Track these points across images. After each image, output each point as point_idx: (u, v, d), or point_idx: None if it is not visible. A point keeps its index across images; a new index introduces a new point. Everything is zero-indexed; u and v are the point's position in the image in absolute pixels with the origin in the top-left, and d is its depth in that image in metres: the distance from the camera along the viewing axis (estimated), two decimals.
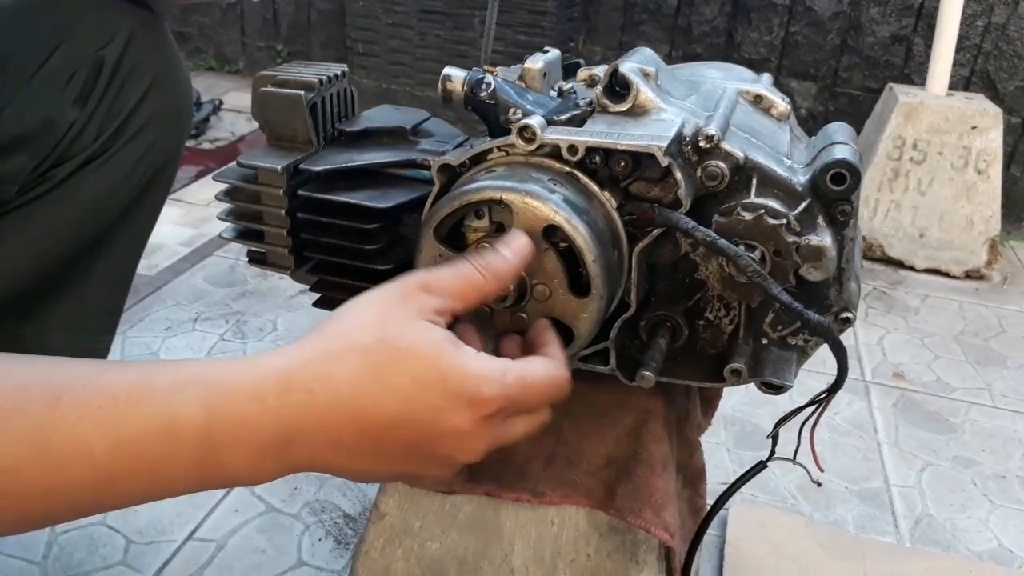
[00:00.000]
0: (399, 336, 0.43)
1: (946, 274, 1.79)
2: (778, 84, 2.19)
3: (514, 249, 0.51)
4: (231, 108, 2.38)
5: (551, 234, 0.55)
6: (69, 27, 0.70)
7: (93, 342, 0.85)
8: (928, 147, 1.77)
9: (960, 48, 1.92)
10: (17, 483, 0.37)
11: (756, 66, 2.22)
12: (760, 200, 0.56)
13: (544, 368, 0.48)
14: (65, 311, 0.82)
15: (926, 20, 2.02)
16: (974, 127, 1.75)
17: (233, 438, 0.40)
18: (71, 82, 0.70)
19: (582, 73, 0.74)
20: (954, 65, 1.84)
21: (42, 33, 0.69)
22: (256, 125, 0.73)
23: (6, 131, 0.67)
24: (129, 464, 0.39)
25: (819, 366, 0.63)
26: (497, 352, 0.54)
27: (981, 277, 1.78)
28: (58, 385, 0.39)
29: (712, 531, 0.98)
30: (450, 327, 0.47)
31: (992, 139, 1.74)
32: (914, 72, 2.07)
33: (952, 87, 1.86)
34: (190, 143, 2.16)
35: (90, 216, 0.77)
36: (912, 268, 1.81)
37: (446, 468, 0.46)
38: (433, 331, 0.44)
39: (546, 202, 0.54)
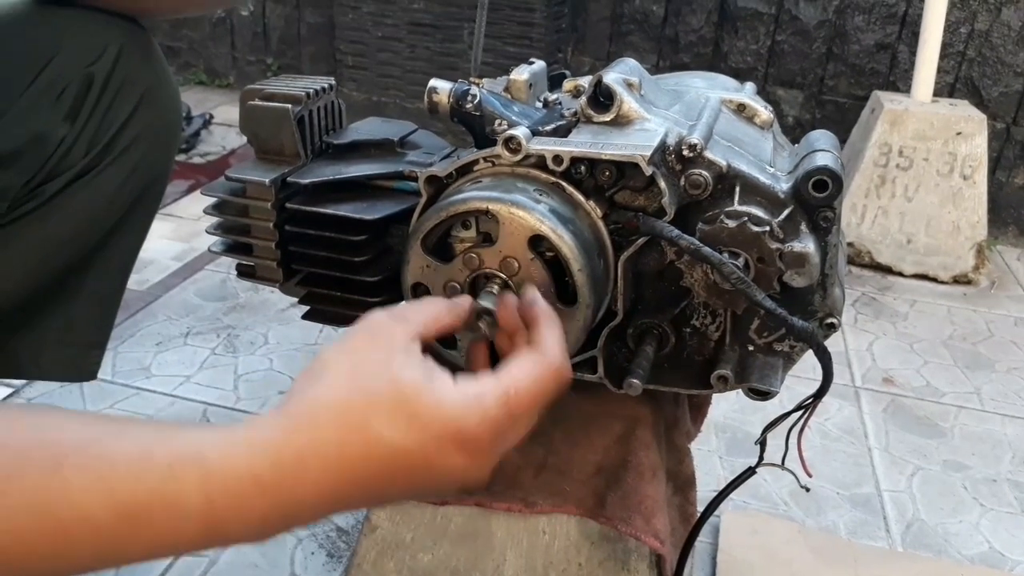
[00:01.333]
0: (373, 382, 0.43)
1: (934, 279, 1.80)
2: (765, 93, 2.21)
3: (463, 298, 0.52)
4: (222, 122, 2.38)
5: (537, 244, 0.55)
6: (59, 43, 0.70)
7: (84, 356, 0.85)
8: (914, 153, 1.79)
9: (944, 55, 1.94)
10: (19, 546, 0.38)
11: (743, 75, 2.23)
12: (743, 208, 0.57)
13: (528, 370, 0.46)
14: (56, 326, 0.82)
15: (910, 28, 2.04)
16: (959, 133, 1.76)
17: (235, 517, 0.41)
18: (61, 97, 0.70)
19: (567, 84, 0.74)
20: (938, 72, 1.86)
21: (33, 49, 0.70)
22: (246, 139, 0.74)
23: None
24: (132, 532, 0.39)
25: (809, 372, 0.63)
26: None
27: (969, 282, 1.80)
28: (58, 449, 0.39)
29: (705, 538, 0.99)
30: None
31: (977, 145, 1.76)
32: (899, 79, 2.09)
33: (937, 94, 1.87)
34: (180, 157, 2.16)
35: (80, 232, 0.77)
36: (900, 274, 1.82)
37: (451, 491, 0.46)
38: (406, 367, 0.44)
39: (532, 212, 0.55)
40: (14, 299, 0.77)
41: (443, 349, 0.62)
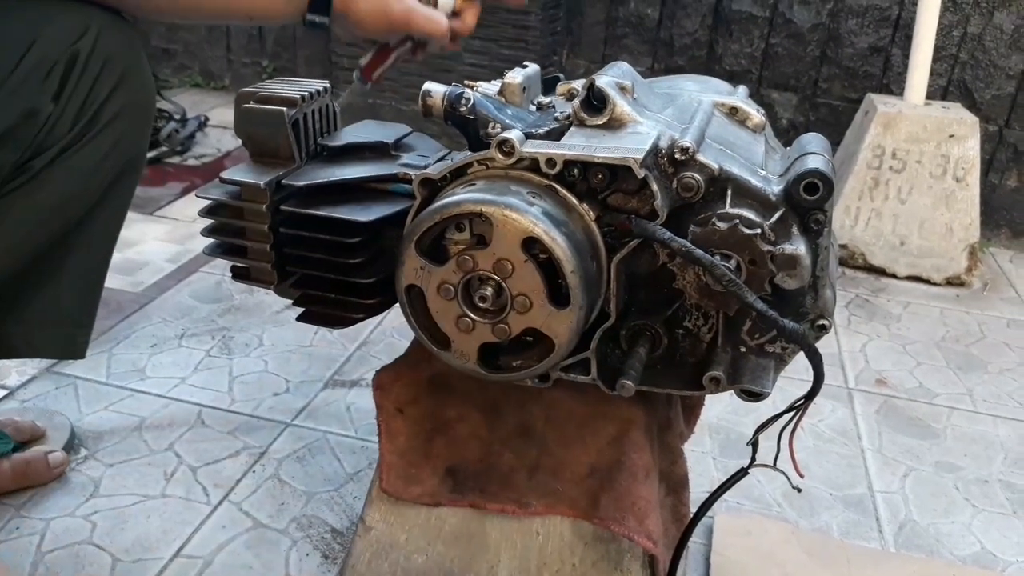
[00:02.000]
0: None
1: (927, 281, 1.81)
2: (759, 95, 2.22)
3: None
4: (217, 124, 2.38)
5: (530, 246, 0.56)
6: (40, 26, 0.72)
7: (71, 336, 0.87)
8: (907, 156, 1.80)
9: (937, 58, 1.94)
10: None
11: (737, 78, 2.24)
12: (735, 210, 0.57)
13: None
14: (43, 305, 0.83)
15: (903, 31, 2.05)
16: (952, 135, 1.77)
17: None
18: (50, 75, 0.72)
19: (561, 87, 0.75)
20: (931, 75, 1.87)
21: (14, 33, 0.72)
22: (241, 141, 0.74)
23: None
24: None
25: (803, 373, 0.63)
26: None
27: (961, 283, 1.80)
28: None
29: (698, 540, 0.99)
30: None
31: (970, 147, 1.77)
32: (892, 82, 2.10)
33: (930, 96, 1.88)
34: (176, 159, 2.15)
35: (64, 206, 0.79)
36: (894, 276, 1.82)
37: None
38: None
39: (525, 215, 0.55)
40: (3, 277, 0.78)
41: (438, 350, 0.62)
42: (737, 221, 0.57)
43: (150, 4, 0.80)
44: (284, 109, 0.71)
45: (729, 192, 0.58)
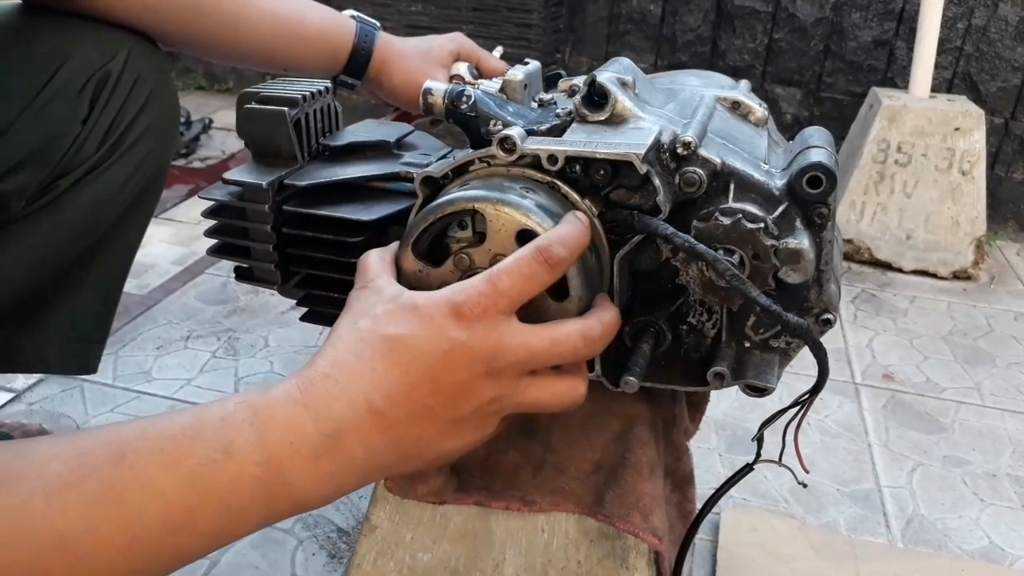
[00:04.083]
0: (375, 308, 0.49)
1: (934, 275, 1.80)
2: (763, 90, 2.21)
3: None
4: (221, 126, 2.38)
5: (526, 239, 0.56)
6: (71, 47, 0.72)
7: (86, 351, 0.87)
8: (912, 149, 1.79)
9: (942, 51, 1.94)
10: (100, 543, 0.39)
11: (741, 73, 2.23)
12: (738, 205, 0.57)
13: (510, 260, 0.50)
14: (60, 321, 0.83)
15: (907, 24, 2.04)
16: (957, 128, 1.76)
17: (286, 445, 0.43)
18: (80, 96, 0.72)
19: (563, 84, 0.75)
20: (936, 67, 1.86)
21: (44, 53, 0.72)
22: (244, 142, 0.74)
23: (15, 148, 0.69)
24: (199, 498, 0.41)
25: (809, 368, 0.63)
26: None
27: (968, 277, 1.80)
28: (119, 441, 0.41)
29: (705, 536, 0.99)
30: None
31: (975, 140, 1.76)
32: (897, 75, 2.09)
33: (935, 89, 1.88)
34: (180, 162, 2.16)
35: (87, 226, 0.79)
36: (900, 270, 1.82)
37: (475, 400, 0.49)
38: (400, 289, 0.50)
39: (518, 208, 0.55)
40: (23, 292, 0.79)
41: None
42: (740, 216, 0.56)
43: (193, 45, 0.80)
44: (286, 109, 0.71)
45: (732, 187, 0.58)
